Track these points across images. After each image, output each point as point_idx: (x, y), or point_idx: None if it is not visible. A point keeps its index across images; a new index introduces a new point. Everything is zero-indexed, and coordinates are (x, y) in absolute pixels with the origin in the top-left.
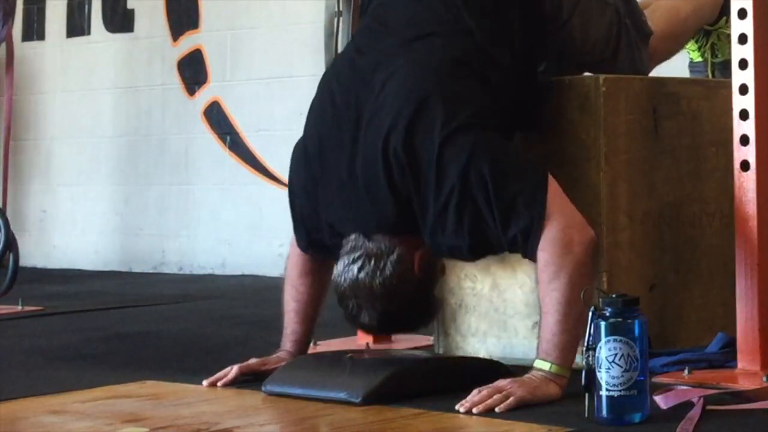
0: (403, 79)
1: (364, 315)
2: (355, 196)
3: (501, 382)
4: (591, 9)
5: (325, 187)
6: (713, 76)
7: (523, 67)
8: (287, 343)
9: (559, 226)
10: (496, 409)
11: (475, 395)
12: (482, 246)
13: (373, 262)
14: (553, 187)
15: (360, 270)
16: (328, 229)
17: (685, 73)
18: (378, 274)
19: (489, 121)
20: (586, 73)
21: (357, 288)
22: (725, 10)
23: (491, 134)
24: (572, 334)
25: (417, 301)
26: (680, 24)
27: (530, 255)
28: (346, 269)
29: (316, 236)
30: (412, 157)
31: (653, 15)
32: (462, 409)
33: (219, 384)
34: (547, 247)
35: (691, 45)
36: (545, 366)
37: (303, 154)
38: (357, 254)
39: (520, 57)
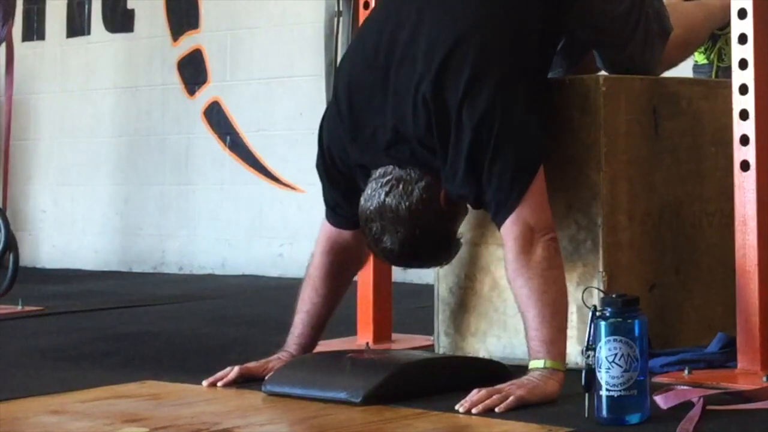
0: (436, 25)
1: (387, 239)
2: (388, 136)
3: (500, 385)
4: None
5: (354, 128)
6: None
7: (547, 35)
8: (292, 345)
9: (525, 223)
10: (496, 409)
11: (474, 395)
12: (484, 199)
13: (401, 186)
14: (538, 179)
15: (387, 194)
16: (359, 172)
17: (684, 73)
18: (405, 197)
19: (514, 80)
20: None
21: (383, 210)
22: None
23: (513, 94)
24: (554, 324)
25: (439, 232)
26: (694, 31)
27: (496, 222)
28: (373, 192)
29: (354, 186)
30: (439, 104)
31: None
32: (461, 409)
33: (219, 384)
34: (509, 243)
35: None
36: (539, 364)
37: (334, 103)
38: (386, 179)
39: (546, 22)
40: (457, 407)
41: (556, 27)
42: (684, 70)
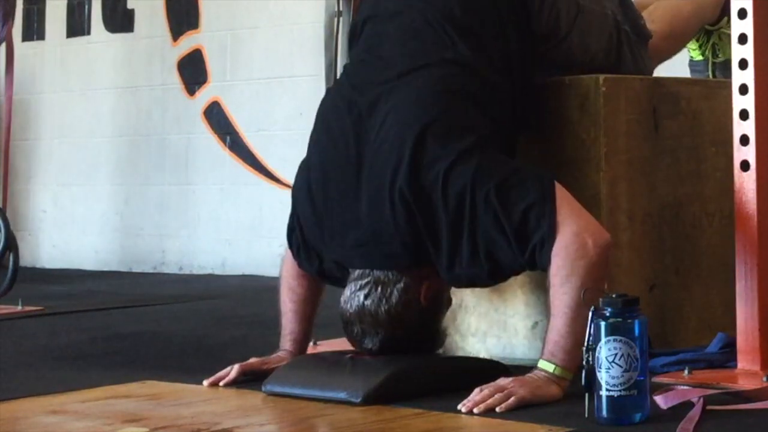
0: (401, 115)
1: (368, 341)
2: (361, 237)
3: (503, 381)
4: (589, 22)
5: (328, 226)
6: (714, 75)
7: (520, 86)
8: (286, 342)
9: (572, 232)
10: (497, 409)
11: (476, 394)
12: (501, 270)
13: (380, 289)
14: (561, 193)
15: (366, 297)
16: (335, 266)
17: (685, 74)
18: (384, 301)
19: (489, 144)
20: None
21: (362, 314)
22: (726, 9)
23: (492, 156)
24: (579, 338)
25: (421, 330)
26: (682, 23)
27: (546, 266)
28: (352, 295)
29: (327, 266)
30: (418, 195)
31: (654, 14)
32: (464, 409)
33: (221, 384)
34: (560, 252)
35: (692, 44)
36: (549, 367)
37: (307, 190)
38: (364, 281)
39: (518, 78)
40: (459, 407)
41: (533, 73)
42: (683, 69)
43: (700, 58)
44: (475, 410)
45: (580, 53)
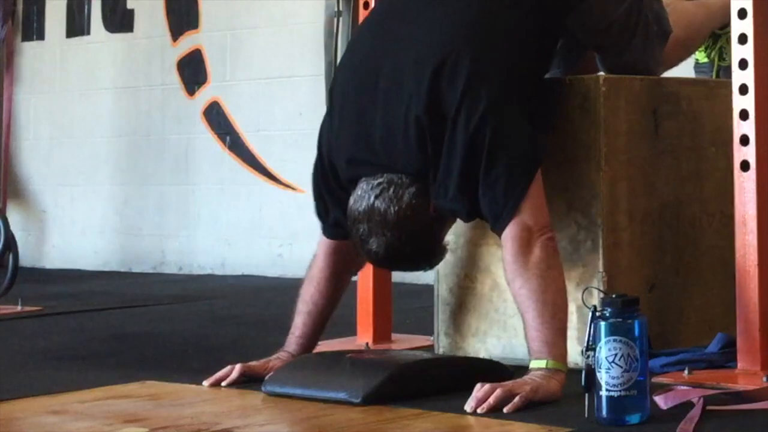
0: (424, 38)
1: (373, 241)
2: (376, 151)
3: (503, 383)
4: None
5: (345, 143)
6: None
7: (546, 37)
8: (293, 345)
9: (523, 225)
10: (504, 410)
11: (479, 391)
12: (477, 212)
13: (392, 190)
14: (537, 183)
15: (377, 197)
16: (352, 188)
17: (685, 74)
18: (394, 201)
19: (509, 90)
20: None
21: (371, 213)
22: None
23: (507, 105)
24: (554, 325)
25: (425, 238)
26: (694, 31)
27: (496, 233)
28: (363, 194)
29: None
30: (432, 119)
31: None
32: (469, 409)
33: (223, 384)
34: (507, 244)
35: None
36: (541, 364)
37: (329, 116)
38: (377, 181)
39: (546, 24)
40: (465, 407)
41: (555, 29)
42: (685, 70)
43: (706, 60)
44: (479, 410)
45: (597, 18)
